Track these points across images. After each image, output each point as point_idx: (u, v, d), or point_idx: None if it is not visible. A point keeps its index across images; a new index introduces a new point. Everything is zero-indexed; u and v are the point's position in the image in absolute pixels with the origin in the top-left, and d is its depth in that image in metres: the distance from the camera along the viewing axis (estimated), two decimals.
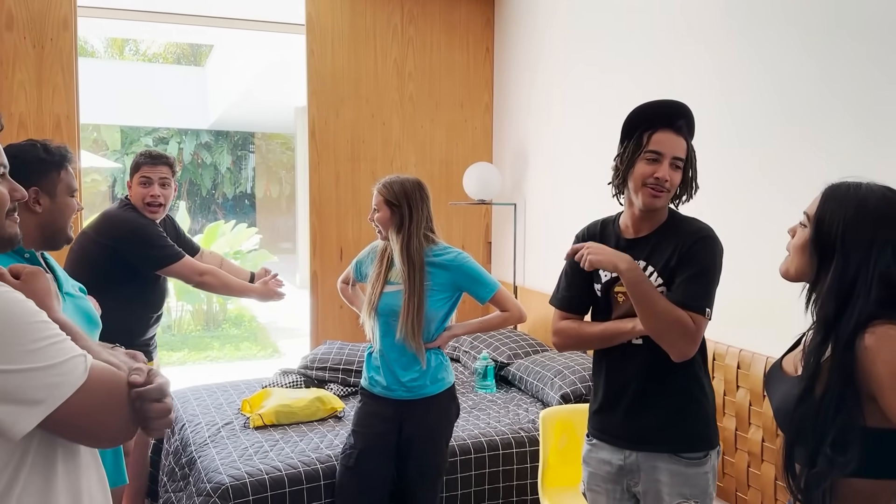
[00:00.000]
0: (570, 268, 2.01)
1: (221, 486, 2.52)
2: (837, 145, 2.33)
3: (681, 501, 1.84)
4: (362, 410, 2.59)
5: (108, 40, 16.47)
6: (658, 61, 3.20)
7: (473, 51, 4.79)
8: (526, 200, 4.44)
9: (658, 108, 1.86)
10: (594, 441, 1.98)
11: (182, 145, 15.51)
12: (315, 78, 4.43)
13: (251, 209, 17.12)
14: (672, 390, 1.86)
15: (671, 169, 1.81)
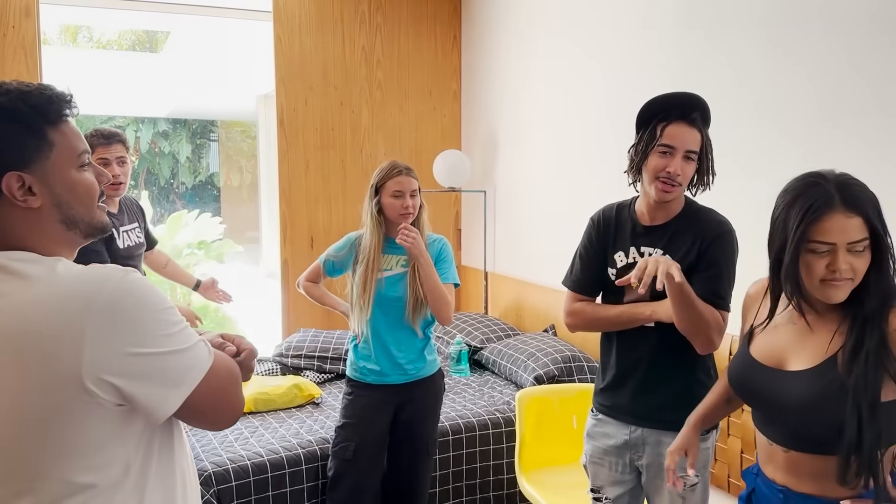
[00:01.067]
0: (584, 251, 2.05)
1: (204, 473, 2.54)
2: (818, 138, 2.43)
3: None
4: (354, 402, 2.59)
5: (62, 27, 16.04)
6: (626, 46, 3.27)
7: (441, 38, 4.82)
8: (496, 187, 4.50)
9: (672, 99, 1.88)
10: (599, 416, 2.04)
11: (139, 133, 15.21)
12: (283, 66, 4.42)
13: (212, 198, 16.87)
14: (680, 371, 1.93)
15: (684, 162, 1.83)
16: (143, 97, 12.94)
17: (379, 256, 2.52)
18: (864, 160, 2.19)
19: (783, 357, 1.47)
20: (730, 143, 2.70)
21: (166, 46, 12.27)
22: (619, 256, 1.99)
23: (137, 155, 16.11)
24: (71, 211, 1.08)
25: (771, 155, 2.55)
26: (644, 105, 1.92)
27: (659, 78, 3.01)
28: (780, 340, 1.49)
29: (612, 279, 2.00)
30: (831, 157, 2.32)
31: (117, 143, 2.80)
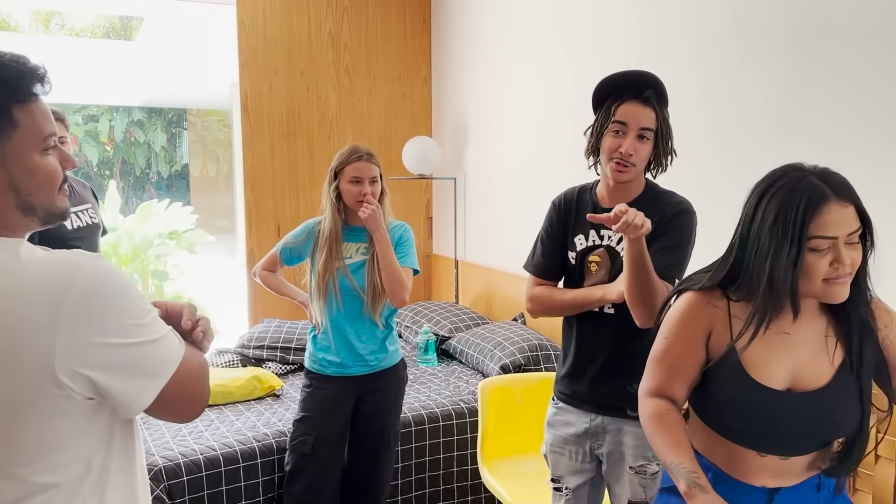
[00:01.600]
0: (545, 235, 2.01)
1: (154, 468, 2.45)
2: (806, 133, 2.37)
3: (643, 463, 1.87)
4: (313, 395, 2.50)
5: (34, 14, 15.73)
6: (598, 32, 3.20)
7: (410, 22, 4.72)
8: (466, 174, 4.42)
9: (625, 78, 1.83)
10: (560, 404, 1.99)
11: (113, 123, 15.00)
12: (246, 50, 4.31)
13: (187, 188, 16.68)
14: (640, 358, 1.84)
15: (638, 141, 1.79)
16: (117, 85, 12.73)
17: (339, 244, 2.43)
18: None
19: (799, 377, 1.35)
20: (695, 145, 2.65)
21: (140, 34, 12.09)
22: (580, 239, 1.94)
23: (112, 144, 15.88)
24: (29, 197, 1.01)
25: (734, 160, 2.49)
26: (598, 85, 1.87)
27: (628, 65, 2.94)
28: (783, 357, 1.35)
29: (573, 263, 1.95)
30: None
31: (56, 123, 2.69)
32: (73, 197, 2.82)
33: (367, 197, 2.36)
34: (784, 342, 1.35)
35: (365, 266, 2.43)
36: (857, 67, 2.08)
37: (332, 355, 2.47)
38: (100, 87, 12.81)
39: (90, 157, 15.21)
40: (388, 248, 2.38)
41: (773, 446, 1.37)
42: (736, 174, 2.47)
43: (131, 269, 7.94)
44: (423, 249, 4.90)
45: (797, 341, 1.36)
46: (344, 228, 2.47)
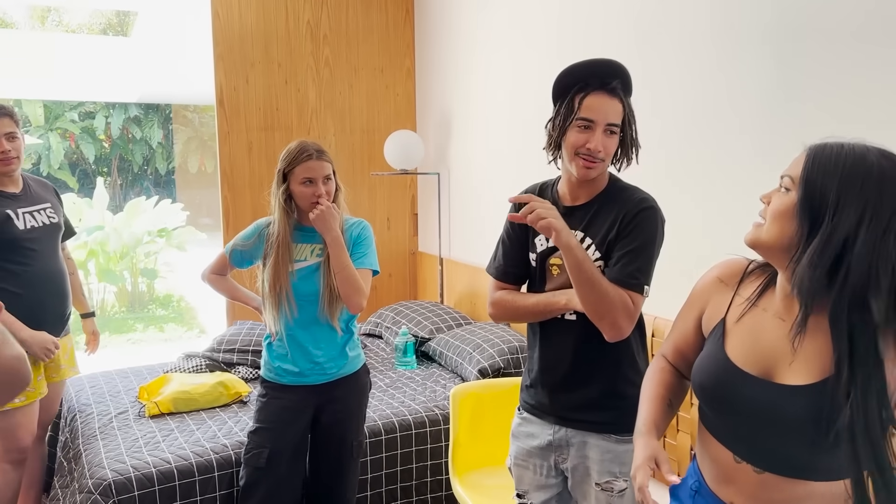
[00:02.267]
0: (507, 236, 1.89)
1: (104, 482, 2.32)
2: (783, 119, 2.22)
3: (609, 479, 1.75)
4: (269, 404, 2.35)
5: (30, 10, 15.62)
6: (583, 23, 3.04)
7: (392, 12, 4.56)
8: (450, 170, 4.27)
9: (590, 67, 1.69)
10: (524, 415, 1.89)
11: (110, 119, 14.88)
12: (221, 41, 4.16)
13: (186, 184, 16.56)
14: (606, 368, 1.76)
15: (605, 136, 1.67)
16: (113, 82, 12.62)
17: (289, 246, 2.28)
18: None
19: (772, 364, 1.22)
20: (681, 140, 2.50)
21: (135, 29, 11.95)
22: (540, 241, 1.81)
23: (109, 141, 15.78)
24: None
25: (721, 154, 2.34)
26: (559, 75, 1.72)
27: (625, 47, 2.79)
28: (764, 342, 1.23)
29: (533, 265, 1.82)
30: (778, 148, 2.14)
31: (4, 118, 2.56)
32: (28, 196, 2.69)
33: (321, 199, 2.21)
34: (779, 328, 1.22)
35: (320, 268, 2.28)
36: (839, 65, 1.92)
37: (288, 364, 2.32)
38: (96, 84, 12.69)
39: (87, 153, 15.10)
40: (341, 251, 2.23)
41: (735, 441, 1.27)
42: (726, 172, 2.32)
43: (121, 268, 7.83)
44: (409, 247, 4.75)
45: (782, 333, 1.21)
46: (297, 229, 2.32)
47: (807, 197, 1.14)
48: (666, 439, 2.54)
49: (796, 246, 1.16)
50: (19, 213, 2.59)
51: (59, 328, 2.70)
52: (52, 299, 2.66)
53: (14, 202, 2.60)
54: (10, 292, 2.50)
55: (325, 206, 2.20)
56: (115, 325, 7.65)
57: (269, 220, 2.36)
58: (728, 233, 2.23)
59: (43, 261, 2.62)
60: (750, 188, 2.13)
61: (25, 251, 2.57)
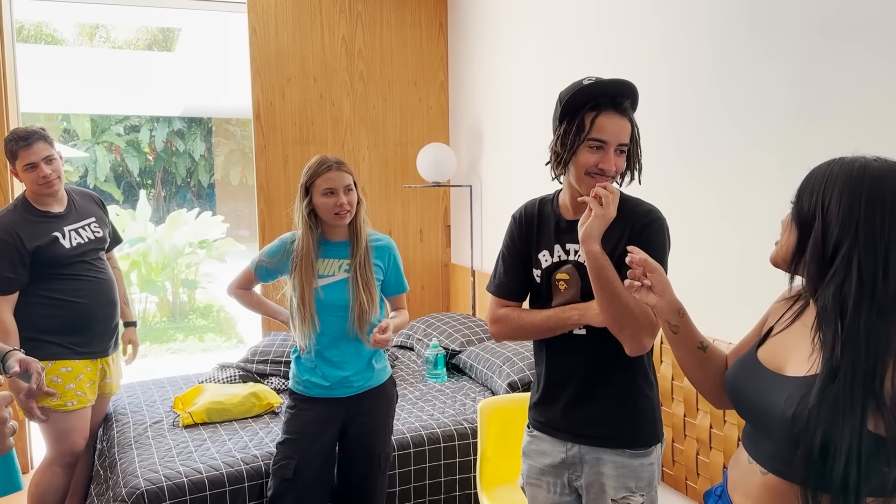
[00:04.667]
0: (507, 252, 1.87)
1: (137, 491, 2.37)
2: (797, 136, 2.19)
3: (626, 495, 1.73)
4: (297, 416, 2.38)
5: (79, 27, 16.10)
6: (614, 35, 3.03)
7: (426, 27, 4.60)
8: (482, 182, 4.28)
9: (601, 87, 1.67)
10: (535, 433, 1.87)
11: (154, 133, 15.22)
12: (258, 58, 4.24)
13: (227, 196, 16.84)
14: (617, 382, 1.74)
15: (616, 156, 1.67)
16: (157, 96, 12.93)
17: (312, 263, 2.31)
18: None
19: (785, 360, 1.23)
20: (700, 145, 2.48)
21: (179, 45, 12.24)
22: (544, 256, 1.79)
23: (154, 154, 16.14)
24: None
25: (746, 159, 2.30)
26: (569, 93, 1.69)
27: (643, 69, 2.78)
28: (787, 342, 1.26)
29: (537, 281, 1.80)
30: (804, 162, 2.10)
31: (38, 142, 2.64)
32: (72, 213, 2.77)
33: (377, 332, 2.25)
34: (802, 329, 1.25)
35: (348, 284, 2.31)
36: (867, 68, 1.88)
37: (316, 377, 2.35)
38: (141, 98, 13.01)
39: (132, 167, 15.47)
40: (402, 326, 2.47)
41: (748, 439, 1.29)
42: (757, 175, 2.29)
43: (162, 278, 8.00)
44: (441, 259, 4.77)
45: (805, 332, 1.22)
46: (323, 244, 2.35)
47: (797, 204, 1.22)
48: (699, 456, 2.51)
49: (793, 255, 1.23)
50: (65, 231, 2.70)
51: (108, 339, 2.80)
52: (103, 310, 2.76)
53: (60, 221, 2.70)
54: (66, 304, 2.64)
55: (386, 338, 2.26)
56: (156, 334, 7.81)
57: (293, 236, 2.39)
58: (759, 250, 2.20)
59: (92, 274, 2.73)
60: (777, 196, 2.10)
61: (75, 267, 2.68)
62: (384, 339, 2.23)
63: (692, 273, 2.48)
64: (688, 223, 2.51)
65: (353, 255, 2.32)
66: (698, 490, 2.54)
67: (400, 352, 4.02)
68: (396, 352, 3.96)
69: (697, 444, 2.52)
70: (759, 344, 1.33)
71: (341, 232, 2.36)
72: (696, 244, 2.49)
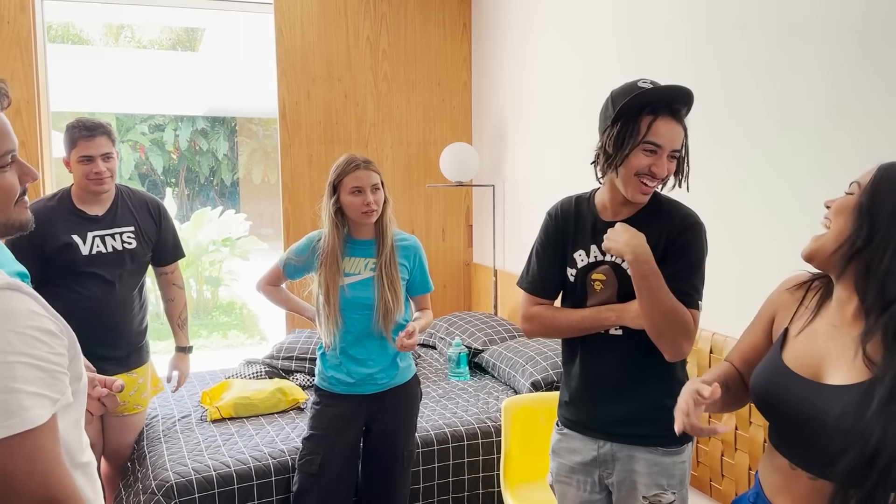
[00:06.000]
0: (541, 248, 1.88)
1: (166, 484, 2.42)
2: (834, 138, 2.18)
3: (657, 493, 1.74)
4: (322, 412, 2.41)
5: (105, 27, 16.32)
6: (641, 37, 3.04)
7: (450, 27, 4.63)
8: (505, 182, 4.29)
9: (661, 93, 1.67)
10: (565, 431, 1.88)
11: (178, 132, 15.40)
12: (284, 58, 4.29)
13: (249, 195, 16.98)
14: (651, 382, 1.76)
15: (668, 161, 1.68)
16: (182, 95, 13.08)
17: (339, 261, 2.34)
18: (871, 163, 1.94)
19: (820, 366, 1.24)
20: (731, 147, 2.48)
21: (203, 44, 12.37)
22: (580, 255, 1.80)
23: (178, 153, 16.32)
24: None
25: (775, 160, 2.30)
26: (626, 94, 1.66)
27: (669, 69, 2.78)
28: (817, 346, 1.26)
29: (571, 280, 1.81)
30: (837, 163, 2.09)
31: (101, 136, 2.50)
32: (109, 219, 2.57)
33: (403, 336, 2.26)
34: (832, 333, 1.26)
35: (373, 282, 2.34)
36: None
37: (341, 374, 2.38)
38: (166, 97, 13.16)
39: (156, 165, 15.66)
40: (425, 328, 2.48)
41: (788, 446, 1.28)
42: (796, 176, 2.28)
43: (187, 275, 8.09)
44: (463, 258, 4.79)
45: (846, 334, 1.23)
46: (349, 243, 2.38)
47: (870, 201, 1.19)
48: (723, 458, 2.51)
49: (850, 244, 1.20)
50: (89, 236, 2.52)
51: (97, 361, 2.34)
52: (94, 330, 2.41)
53: (90, 224, 2.54)
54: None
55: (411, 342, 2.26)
56: None
57: (320, 234, 2.42)
58: (790, 249, 2.20)
59: (102, 289, 2.52)
60: (806, 199, 2.10)
61: (85, 276, 2.49)
62: (410, 344, 2.25)
63: (725, 275, 2.48)
64: (716, 225, 2.51)
65: (378, 254, 2.35)
66: (723, 491, 2.54)
67: (423, 350, 4.04)
68: (419, 350, 3.99)
69: (722, 446, 2.52)
70: (780, 346, 1.32)
71: (368, 231, 2.39)
72: (728, 246, 2.49)
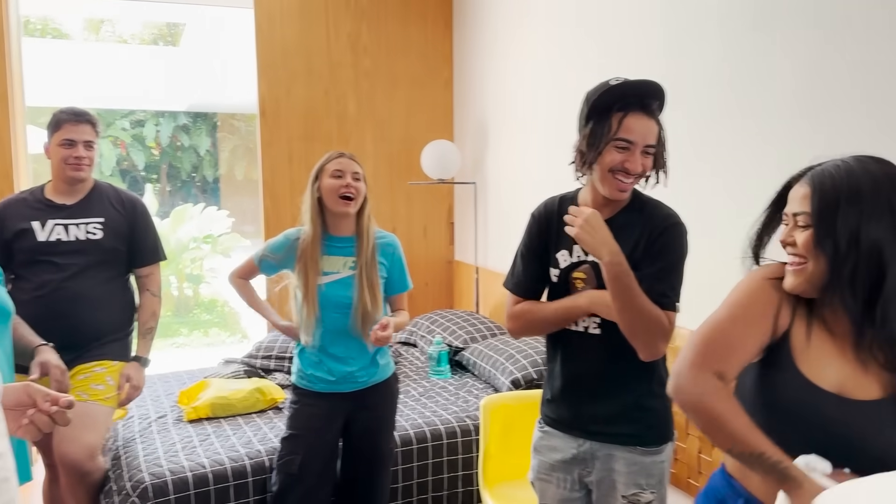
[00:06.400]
0: (525, 250, 1.89)
1: (141, 485, 2.39)
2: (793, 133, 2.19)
3: (636, 492, 1.74)
4: (300, 412, 2.39)
5: (86, 21, 16.11)
6: (621, 32, 3.03)
7: (432, 24, 4.61)
8: (486, 179, 4.28)
9: (629, 88, 1.67)
10: (546, 429, 1.88)
11: (159, 128, 15.23)
12: (264, 54, 4.25)
13: (231, 192, 16.83)
14: (631, 382, 1.76)
15: (642, 157, 1.67)
16: (163, 90, 12.94)
17: (318, 258, 2.32)
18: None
19: (845, 381, 1.22)
20: (705, 142, 2.48)
21: (184, 39, 12.26)
22: (563, 255, 1.80)
23: (159, 149, 16.16)
24: None
25: (751, 154, 2.31)
26: (597, 93, 1.69)
27: (652, 65, 2.78)
28: (828, 357, 1.25)
29: (554, 280, 1.81)
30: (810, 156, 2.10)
31: (87, 124, 2.48)
32: (78, 209, 2.49)
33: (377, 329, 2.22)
34: (834, 344, 1.24)
35: (352, 282, 2.32)
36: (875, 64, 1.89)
37: (320, 372, 2.36)
38: (147, 93, 13.02)
39: (137, 161, 15.50)
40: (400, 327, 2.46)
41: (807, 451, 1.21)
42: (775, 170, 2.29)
43: (167, 273, 8.01)
44: (445, 256, 4.78)
45: (845, 344, 1.23)
46: (328, 240, 2.36)
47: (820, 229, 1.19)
48: (700, 455, 2.52)
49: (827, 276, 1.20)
50: (49, 223, 2.44)
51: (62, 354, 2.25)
52: (48, 321, 2.33)
53: (53, 212, 2.47)
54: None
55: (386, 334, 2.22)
56: (162, 329, 7.77)
57: (298, 232, 2.40)
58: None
59: (58, 277, 2.42)
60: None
61: (42, 264, 2.42)
62: (385, 337, 2.23)
63: (703, 272, 2.48)
64: (695, 222, 2.51)
65: (359, 254, 2.33)
66: (700, 489, 2.54)
67: (403, 348, 4.03)
68: (400, 348, 3.98)
69: (700, 444, 2.53)
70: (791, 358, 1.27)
71: (347, 227, 2.37)
72: (705, 243, 2.49)
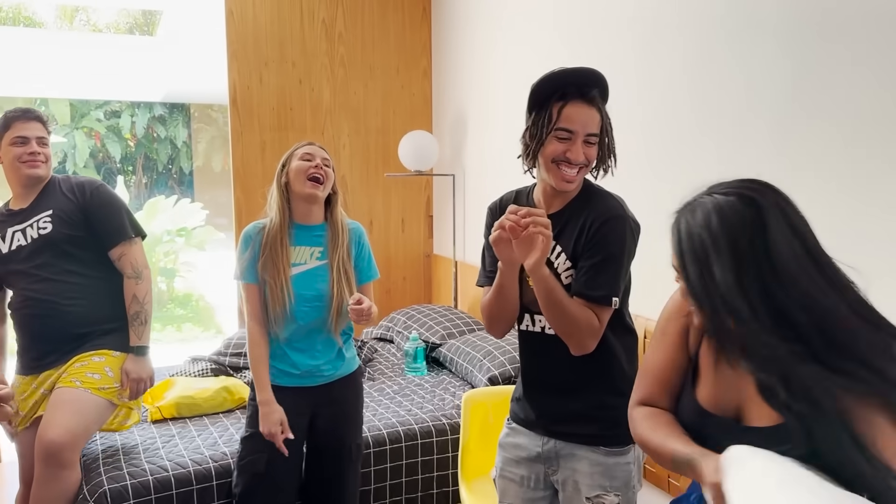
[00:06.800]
0: (487, 244, 1.82)
1: (99, 490, 2.27)
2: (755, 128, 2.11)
3: (600, 493, 1.68)
4: None
5: (59, 9, 15.78)
6: (599, 23, 2.94)
7: (409, 11, 4.49)
8: (465, 171, 4.18)
9: (568, 76, 1.64)
10: (513, 425, 1.84)
11: (135, 119, 14.97)
12: (235, 40, 4.12)
13: (207, 184, 16.61)
14: (593, 380, 1.71)
15: (585, 146, 1.62)
16: (138, 81, 12.67)
17: (286, 248, 2.21)
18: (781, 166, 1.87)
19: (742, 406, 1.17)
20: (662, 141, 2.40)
21: (160, 28, 12.01)
22: None
23: (135, 140, 15.90)
24: None
25: (723, 153, 2.23)
26: (536, 83, 1.66)
27: (628, 56, 2.69)
28: (730, 381, 1.19)
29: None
30: (746, 160, 2.03)
31: (36, 121, 2.44)
32: (29, 210, 2.41)
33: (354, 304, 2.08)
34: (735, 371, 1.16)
35: (324, 273, 2.22)
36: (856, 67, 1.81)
37: (284, 365, 2.25)
38: (122, 83, 12.75)
39: (113, 153, 15.23)
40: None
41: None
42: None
43: None
44: (423, 249, 4.67)
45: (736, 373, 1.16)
46: (294, 228, 2.25)
47: (687, 283, 1.15)
48: None
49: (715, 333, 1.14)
50: (9, 233, 2.41)
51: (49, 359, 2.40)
52: (35, 327, 2.39)
53: (11, 220, 2.43)
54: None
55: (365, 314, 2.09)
56: None
57: (256, 226, 2.28)
58: None
59: (29, 283, 2.38)
60: None
61: (15, 276, 2.40)
62: (364, 310, 2.08)
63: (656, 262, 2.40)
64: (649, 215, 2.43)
65: (332, 245, 2.24)
66: (681, 488, 2.48)
67: (379, 344, 3.92)
68: (375, 344, 3.87)
69: None
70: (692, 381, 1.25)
71: (315, 214, 2.27)
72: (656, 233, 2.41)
